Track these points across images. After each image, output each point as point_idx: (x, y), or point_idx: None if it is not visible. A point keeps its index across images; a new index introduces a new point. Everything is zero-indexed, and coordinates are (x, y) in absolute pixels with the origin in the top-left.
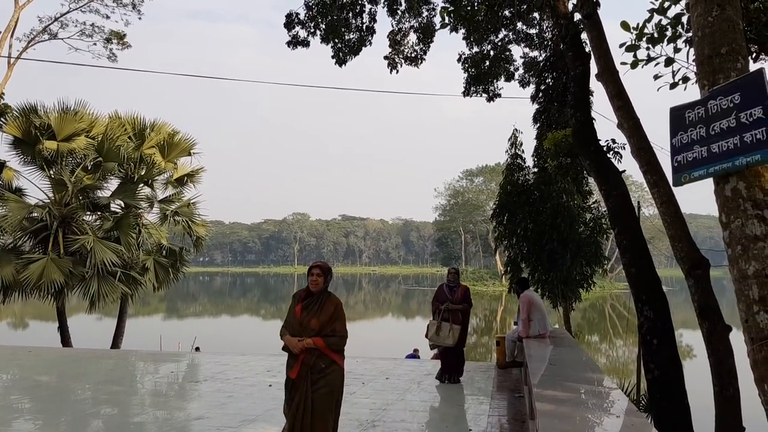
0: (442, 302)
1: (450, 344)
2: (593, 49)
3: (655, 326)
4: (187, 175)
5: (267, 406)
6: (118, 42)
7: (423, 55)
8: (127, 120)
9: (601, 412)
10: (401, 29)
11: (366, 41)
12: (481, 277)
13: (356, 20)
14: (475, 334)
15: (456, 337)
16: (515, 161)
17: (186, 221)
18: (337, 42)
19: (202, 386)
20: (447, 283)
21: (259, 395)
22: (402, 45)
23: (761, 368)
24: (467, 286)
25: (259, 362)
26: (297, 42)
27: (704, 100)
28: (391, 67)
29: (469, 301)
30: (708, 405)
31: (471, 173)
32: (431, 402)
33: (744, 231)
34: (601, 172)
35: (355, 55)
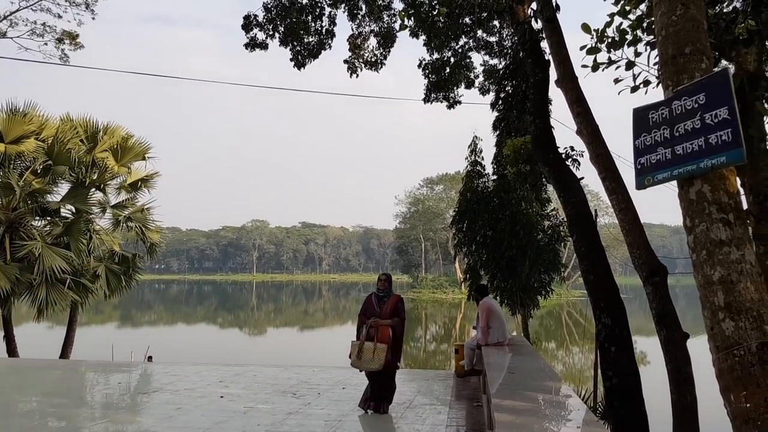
0: (370, 316)
1: (375, 368)
2: (553, 56)
3: (613, 334)
4: (141, 180)
5: (216, 419)
6: (71, 42)
7: (383, 59)
8: (79, 123)
9: (560, 422)
10: (361, 33)
11: (325, 45)
12: (441, 284)
13: (316, 23)
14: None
15: (382, 359)
16: (475, 168)
17: (139, 227)
18: (296, 45)
19: (151, 398)
20: (376, 292)
21: (209, 407)
22: (362, 49)
23: (727, 378)
24: (400, 296)
25: (212, 372)
26: (255, 44)
27: (668, 101)
28: (351, 71)
29: (400, 315)
30: (665, 413)
31: (431, 181)
32: (390, 411)
33: (709, 235)
34: (559, 180)
35: (315, 59)
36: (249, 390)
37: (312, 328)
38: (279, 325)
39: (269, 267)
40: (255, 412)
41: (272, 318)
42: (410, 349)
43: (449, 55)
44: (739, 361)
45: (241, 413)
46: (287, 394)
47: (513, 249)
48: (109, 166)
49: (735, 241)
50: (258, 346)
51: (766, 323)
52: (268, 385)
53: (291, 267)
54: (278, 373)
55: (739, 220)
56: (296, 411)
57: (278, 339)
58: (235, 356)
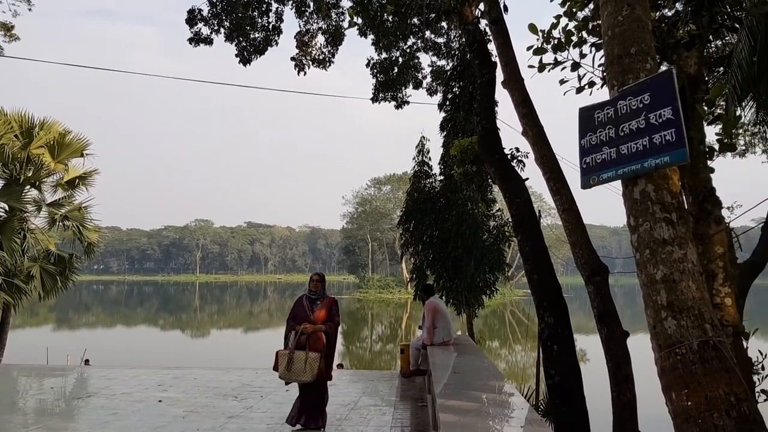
0: (301, 321)
1: (308, 380)
2: (499, 57)
3: (556, 332)
4: (78, 178)
5: (154, 424)
6: (6, 33)
7: (331, 57)
8: (13, 117)
9: (504, 421)
10: (309, 30)
11: (272, 41)
12: (387, 284)
13: (262, 19)
14: (380, 341)
15: (315, 369)
16: (422, 169)
17: (77, 226)
18: (242, 41)
19: (86, 403)
20: (308, 294)
21: (146, 411)
22: (310, 46)
23: (669, 376)
24: (334, 299)
25: (151, 376)
26: (199, 39)
27: (614, 101)
28: (299, 68)
29: (335, 320)
30: (605, 409)
31: (379, 181)
32: (332, 413)
33: (652, 234)
34: (505, 180)
35: (261, 55)
36: (189, 393)
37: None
38: (222, 326)
39: (213, 267)
40: (195, 416)
41: (215, 320)
42: (356, 350)
43: (397, 55)
44: (681, 359)
45: (180, 417)
46: (229, 398)
47: (459, 249)
48: (45, 163)
49: (677, 241)
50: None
51: (707, 322)
52: (209, 388)
53: (236, 267)
54: (220, 375)
55: (681, 220)
56: (238, 414)
57: (221, 341)
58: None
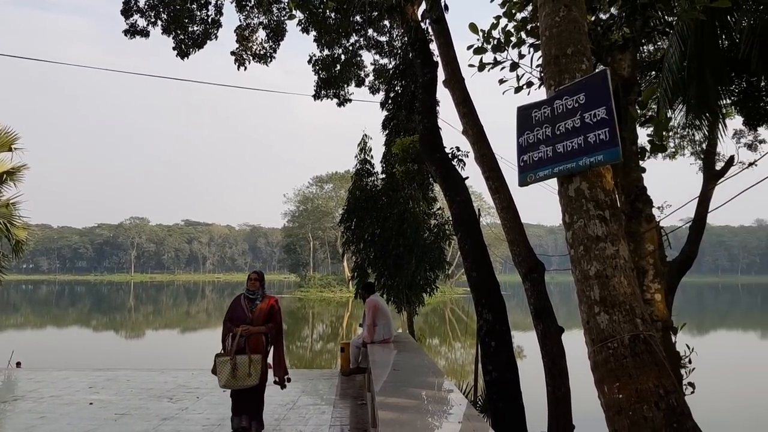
0: (239, 322)
1: (254, 384)
2: (441, 56)
3: (494, 329)
4: (6, 173)
5: (84, 427)
6: None
7: (273, 53)
8: None
9: (442, 418)
10: (250, 25)
11: (211, 35)
12: (329, 283)
13: (201, 12)
14: (321, 340)
15: (259, 371)
16: (364, 167)
17: (4, 223)
18: (180, 33)
19: (13, 407)
20: (246, 293)
21: (76, 415)
22: (250, 41)
23: (601, 370)
24: (275, 299)
25: (81, 378)
26: (135, 31)
27: (550, 100)
28: (239, 63)
29: (276, 319)
30: (540, 404)
31: (321, 180)
32: (270, 413)
33: (586, 231)
34: (445, 179)
35: (199, 48)
36: (121, 395)
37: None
38: (158, 327)
39: (149, 267)
40: (127, 418)
41: (151, 320)
42: (296, 349)
43: (340, 52)
44: (613, 353)
45: (111, 420)
46: (163, 399)
47: (400, 247)
48: None
49: (610, 237)
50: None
51: (638, 316)
52: (143, 389)
53: (173, 267)
54: (154, 377)
55: (614, 217)
56: (172, 416)
57: (157, 342)
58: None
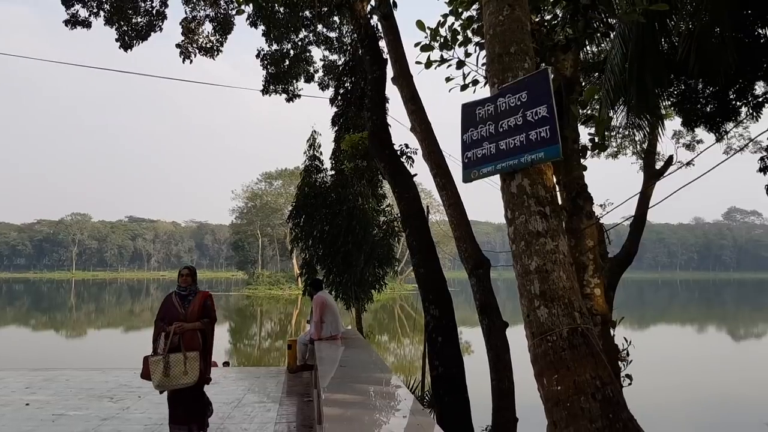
0: (172, 320)
1: (190, 383)
2: (390, 53)
3: (441, 324)
4: None
5: (20, 428)
6: None
7: (220, 46)
8: None
9: (388, 413)
10: (196, 17)
11: (156, 26)
12: (278, 280)
13: (145, 3)
14: (269, 338)
15: (196, 370)
16: (313, 163)
17: None
18: (123, 24)
19: None
20: (177, 290)
21: (12, 416)
22: (196, 34)
23: (540, 362)
24: (208, 293)
25: (18, 378)
26: (77, 21)
27: (494, 98)
28: (184, 56)
29: (210, 315)
30: (485, 397)
31: (270, 176)
32: (215, 412)
33: (527, 227)
34: (394, 175)
35: (143, 40)
36: (60, 396)
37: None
38: (101, 326)
39: (91, 264)
40: (65, 419)
41: (93, 319)
42: (243, 347)
43: (289, 47)
44: (552, 346)
45: (49, 421)
46: (103, 399)
47: (349, 244)
48: None
49: (550, 233)
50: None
51: (577, 310)
52: (82, 389)
53: (116, 264)
54: (94, 376)
55: (554, 213)
56: (113, 416)
57: (99, 341)
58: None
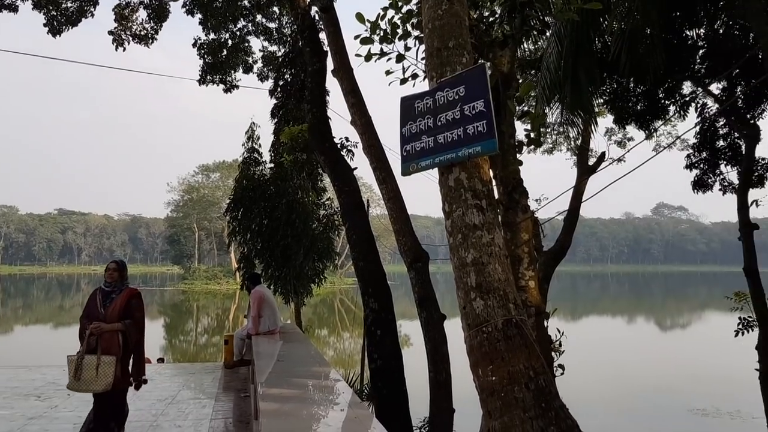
0: (93, 319)
1: (101, 389)
2: (330, 45)
3: (380, 317)
4: None
5: None
6: None
7: (154, 34)
8: None
9: (326, 407)
10: (129, 4)
11: (87, 12)
12: (215, 275)
13: None
14: (206, 334)
15: (110, 376)
16: (252, 156)
17: None
18: (52, 9)
19: None
20: (103, 286)
21: None
22: (130, 21)
23: (476, 353)
24: (135, 290)
25: None
26: (2, 5)
27: (432, 91)
28: (117, 43)
29: (135, 315)
30: (423, 389)
31: (207, 168)
32: (148, 409)
33: (464, 220)
34: (334, 169)
35: (73, 26)
36: None
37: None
38: (28, 322)
39: (18, 258)
40: None
41: (20, 315)
42: (179, 343)
43: (227, 37)
44: (487, 337)
45: None
46: (30, 397)
47: (288, 237)
48: None
49: (487, 226)
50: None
51: (511, 302)
52: (7, 388)
53: (44, 258)
54: (20, 374)
55: (490, 207)
56: (40, 415)
57: (26, 338)
58: None
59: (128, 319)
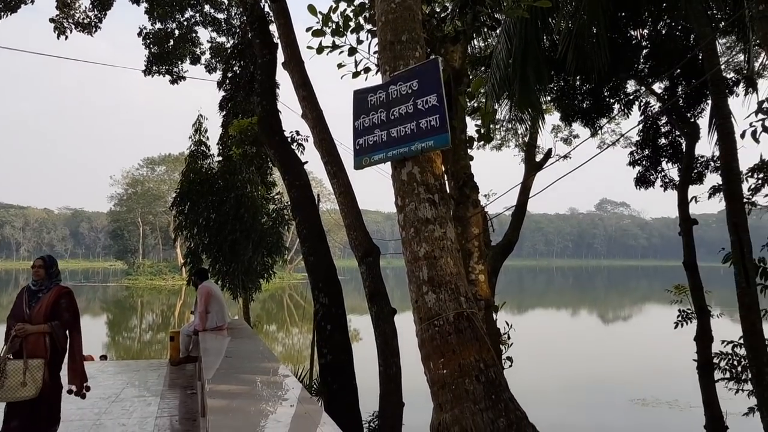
0: (19, 319)
1: (29, 396)
2: (280, 38)
3: (330, 313)
4: None
5: None
6: None
7: (98, 22)
8: None
9: (275, 403)
10: None
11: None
12: (160, 270)
13: None
14: (150, 330)
15: (39, 381)
16: (199, 148)
17: None
18: None
19: None
20: (30, 284)
21: None
22: (73, 8)
23: (428, 346)
24: (65, 289)
25: None
26: None
27: (386, 85)
28: (59, 31)
29: (63, 316)
30: (373, 383)
31: (153, 161)
32: (90, 407)
33: (417, 214)
34: (284, 163)
35: (12, 12)
36: None
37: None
38: None
39: None
40: None
41: None
42: (123, 340)
43: (174, 26)
44: (439, 330)
45: None
46: None
47: (237, 232)
48: None
49: (439, 220)
50: None
51: (463, 295)
52: None
53: None
54: None
55: (443, 201)
56: None
57: None
58: None
59: (56, 320)
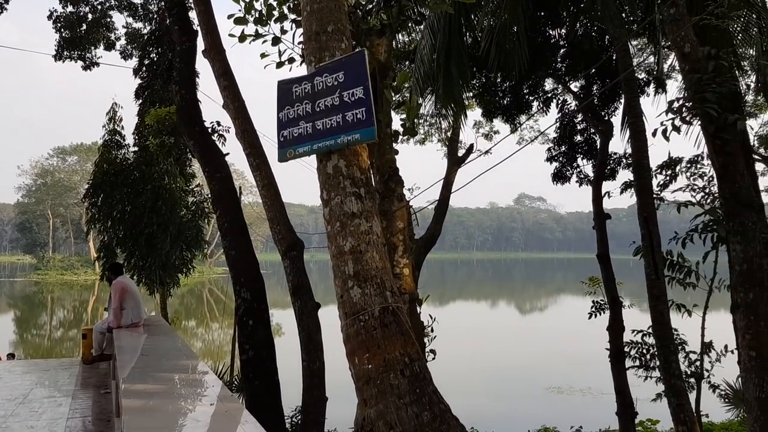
0: None
1: None
2: (200, 24)
3: (252, 307)
4: None
5: None
6: None
7: (5, 3)
8: None
9: (194, 401)
10: None
11: None
12: (72, 265)
13: None
14: (61, 327)
15: None
16: (114, 138)
17: None
18: None
19: None
20: None
21: None
22: None
23: (353, 342)
24: None
25: None
26: None
27: (311, 76)
28: None
29: None
30: (296, 378)
31: (64, 151)
32: None
33: (343, 208)
34: (204, 154)
35: None
36: None
37: None
38: None
39: None
40: None
41: None
42: (32, 338)
43: (87, 10)
44: (364, 325)
45: None
46: None
47: (154, 225)
48: None
49: (365, 214)
50: None
51: (388, 290)
52: None
53: None
54: None
55: (369, 195)
56: None
57: None
58: None
59: None
